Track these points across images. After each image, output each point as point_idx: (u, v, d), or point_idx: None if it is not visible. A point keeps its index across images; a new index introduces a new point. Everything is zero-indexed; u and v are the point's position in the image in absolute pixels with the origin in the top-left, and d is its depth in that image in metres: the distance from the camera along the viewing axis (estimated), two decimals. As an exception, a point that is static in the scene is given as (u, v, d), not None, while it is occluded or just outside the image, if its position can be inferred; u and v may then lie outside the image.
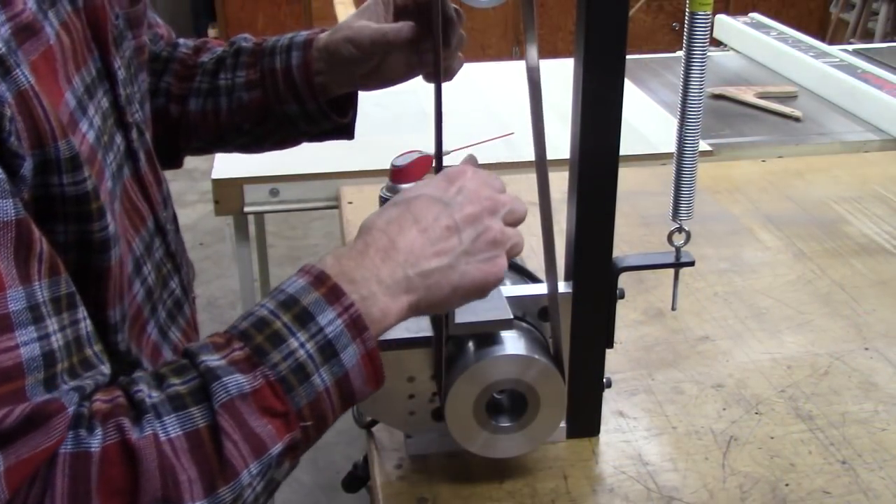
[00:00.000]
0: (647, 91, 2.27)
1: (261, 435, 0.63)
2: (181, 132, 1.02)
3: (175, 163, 1.09)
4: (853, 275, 1.42)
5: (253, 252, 2.19)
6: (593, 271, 0.97)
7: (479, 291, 0.74)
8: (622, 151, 0.92)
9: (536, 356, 0.93)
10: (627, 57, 0.89)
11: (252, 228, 2.18)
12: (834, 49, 2.42)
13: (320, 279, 0.66)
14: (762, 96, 2.20)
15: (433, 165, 0.89)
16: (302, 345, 0.64)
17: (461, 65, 0.98)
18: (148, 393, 0.62)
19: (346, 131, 1.04)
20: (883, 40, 4.15)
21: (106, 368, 0.65)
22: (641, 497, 0.97)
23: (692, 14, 0.88)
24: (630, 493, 0.98)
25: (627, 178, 1.04)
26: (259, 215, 2.28)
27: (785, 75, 2.37)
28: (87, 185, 0.66)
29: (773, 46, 2.46)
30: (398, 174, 1.36)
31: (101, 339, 0.68)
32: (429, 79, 0.94)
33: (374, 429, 1.05)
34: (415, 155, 1.68)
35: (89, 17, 0.73)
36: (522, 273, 1.06)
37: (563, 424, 1.03)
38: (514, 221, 0.77)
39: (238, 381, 0.62)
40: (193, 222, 3.79)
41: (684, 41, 0.90)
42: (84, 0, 0.72)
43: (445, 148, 0.88)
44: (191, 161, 1.16)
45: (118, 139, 0.76)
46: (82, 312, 0.64)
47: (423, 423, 0.97)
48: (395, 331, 0.75)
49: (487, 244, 0.72)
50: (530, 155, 0.87)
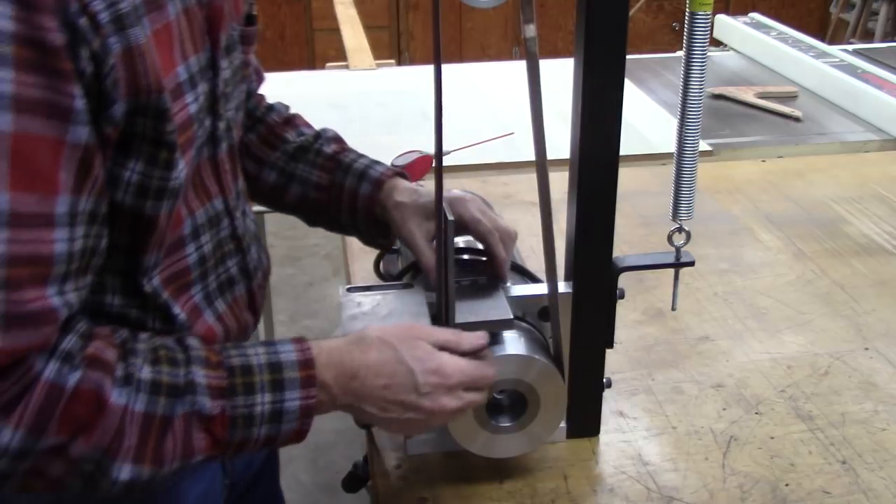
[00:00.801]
0: (647, 91, 2.27)
1: (194, 444, 0.77)
2: (248, 182, 1.12)
3: None
4: (853, 275, 1.42)
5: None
6: (593, 271, 0.97)
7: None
8: (622, 151, 0.92)
9: (536, 356, 0.93)
10: (627, 57, 0.89)
11: (252, 228, 2.17)
12: (834, 49, 2.42)
13: (306, 365, 0.81)
14: (762, 96, 2.20)
15: (433, 165, 0.89)
16: (263, 403, 0.79)
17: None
18: (140, 367, 0.75)
19: (387, 247, 1.14)
20: (883, 40, 4.15)
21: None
22: (641, 497, 0.97)
23: (692, 14, 0.88)
24: (630, 493, 0.98)
25: (627, 178, 1.04)
26: (259, 215, 2.28)
27: (785, 75, 2.37)
28: (167, 137, 0.77)
29: (773, 46, 2.46)
30: (398, 174, 1.36)
31: (129, 276, 0.82)
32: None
33: (374, 429, 1.05)
34: (415, 155, 1.69)
35: (209, 14, 0.84)
36: (522, 273, 1.06)
37: (563, 424, 1.03)
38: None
39: (204, 404, 0.77)
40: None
41: (684, 41, 0.90)
42: None
43: (445, 148, 0.88)
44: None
45: (207, 123, 0.87)
46: (106, 232, 0.76)
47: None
48: None
49: (414, 424, 0.86)
50: (530, 155, 0.87)
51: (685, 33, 0.89)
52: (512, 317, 0.93)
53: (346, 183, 1.08)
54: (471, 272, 1.01)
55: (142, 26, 0.73)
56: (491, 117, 2.07)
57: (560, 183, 0.97)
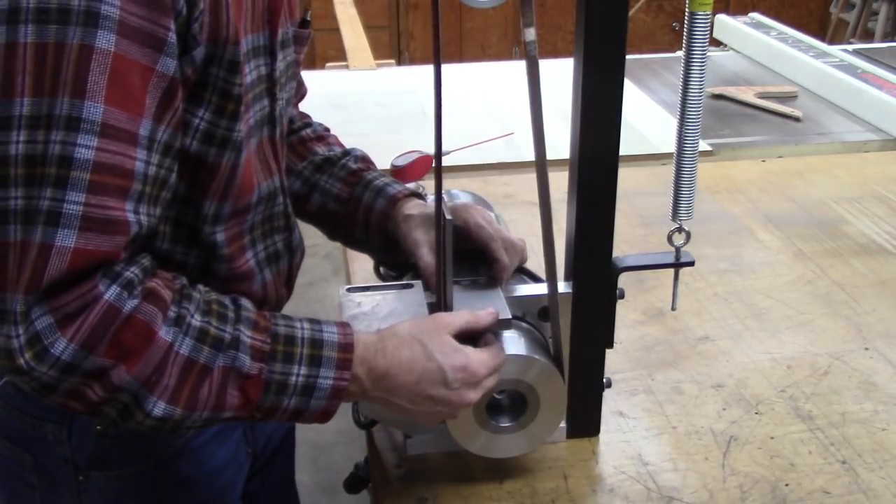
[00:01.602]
0: (647, 91, 2.27)
1: (227, 399, 0.80)
2: None
3: None
4: (853, 275, 1.42)
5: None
6: (593, 271, 0.97)
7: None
8: (622, 151, 0.92)
9: (536, 356, 0.93)
10: (627, 57, 0.89)
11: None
12: (834, 49, 2.42)
13: (346, 348, 0.84)
14: (762, 96, 2.20)
15: (433, 165, 0.89)
16: (298, 374, 0.82)
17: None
18: (192, 314, 0.79)
19: (397, 268, 1.15)
20: (883, 40, 4.15)
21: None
22: (641, 497, 0.97)
23: (692, 14, 0.88)
24: (630, 493, 0.98)
25: (627, 178, 1.04)
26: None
27: (785, 75, 2.37)
28: (235, 90, 0.84)
29: (773, 46, 2.46)
30: (398, 174, 1.36)
31: (189, 224, 0.88)
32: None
33: (374, 429, 1.05)
34: (415, 155, 1.69)
35: (269, 4, 0.90)
36: (522, 273, 1.06)
37: (563, 424, 1.03)
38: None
39: (244, 362, 0.80)
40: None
41: (684, 41, 0.90)
42: None
43: (445, 148, 0.88)
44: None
45: (265, 101, 0.93)
46: (175, 168, 0.81)
47: (423, 424, 0.97)
48: None
49: (440, 415, 0.90)
50: (530, 155, 0.87)
51: (685, 33, 0.89)
52: (510, 317, 0.93)
53: (364, 198, 1.12)
54: (471, 272, 1.01)
55: None
56: (491, 117, 2.07)
57: (560, 183, 0.97)
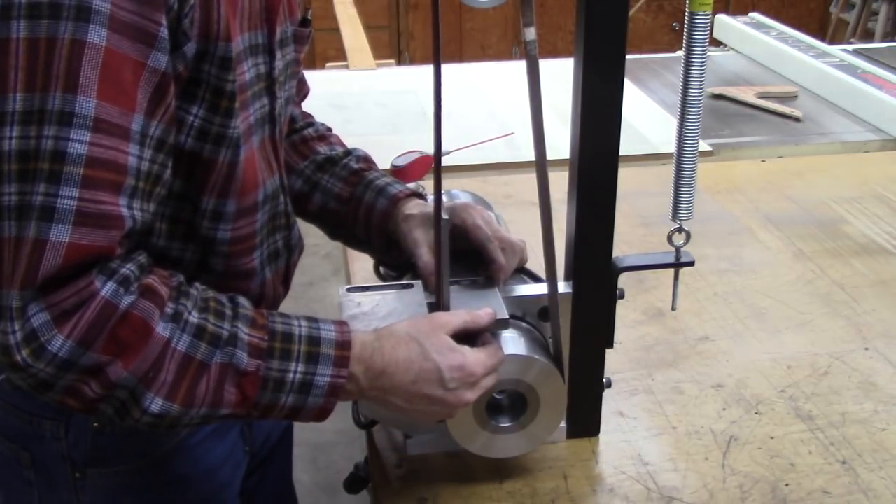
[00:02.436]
0: (647, 91, 2.27)
1: (224, 396, 0.80)
2: None
3: None
4: (853, 275, 1.42)
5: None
6: (593, 271, 0.97)
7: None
8: (622, 151, 0.92)
9: (536, 356, 0.93)
10: (627, 57, 0.89)
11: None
12: (834, 49, 2.42)
13: (343, 346, 0.84)
14: (762, 96, 2.20)
15: (433, 165, 0.89)
16: (295, 371, 0.82)
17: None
18: (189, 310, 0.79)
19: (398, 269, 1.15)
20: (883, 40, 4.15)
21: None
22: (641, 497, 0.97)
23: (692, 14, 0.88)
24: (630, 493, 0.98)
25: (627, 178, 1.04)
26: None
27: (785, 75, 2.37)
28: (228, 87, 0.83)
29: (773, 46, 2.46)
30: (398, 174, 1.36)
31: (185, 220, 0.88)
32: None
33: (374, 429, 1.05)
34: (415, 155, 1.69)
35: (267, 3, 0.90)
36: (522, 273, 1.06)
37: (563, 424, 1.03)
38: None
39: (242, 359, 0.80)
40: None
41: (684, 41, 0.90)
42: None
43: (445, 148, 0.88)
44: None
45: (265, 100, 0.93)
46: (169, 163, 0.81)
47: (423, 424, 0.97)
48: None
49: (437, 414, 0.90)
50: (530, 155, 0.87)
51: (685, 33, 0.89)
52: (507, 316, 0.93)
53: (365, 197, 1.12)
54: (470, 272, 1.01)
55: None
56: (491, 117, 2.07)
57: (560, 183, 0.97)
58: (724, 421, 1.09)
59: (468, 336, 0.90)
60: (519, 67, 2.07)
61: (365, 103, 2.17)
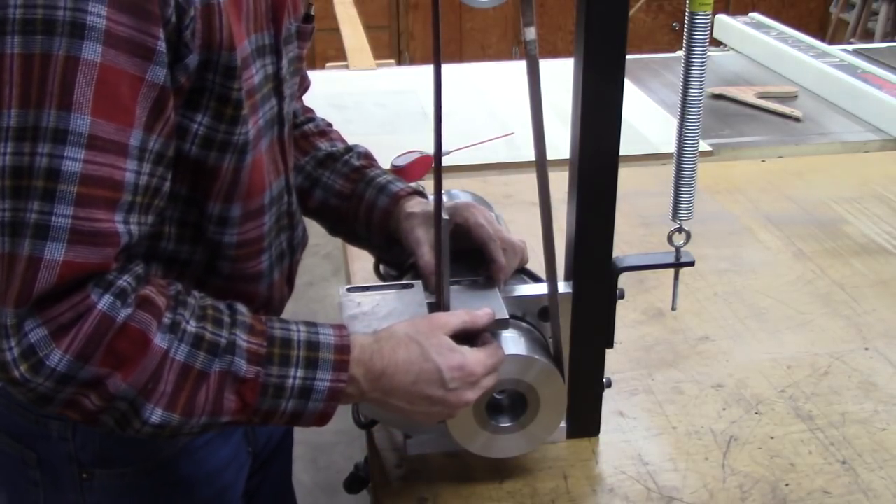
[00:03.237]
0: (647, 91, 2.27)
1: (224, 404, 0.80)
2: None
3: None
4: (853, 275, 1.42)
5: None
6: (593, 271, 0.97)
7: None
8: (622, 151, 0.92)
9: (536, 356, 0.93)
10: (627, 57, 0.89)
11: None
12: (834, 49, 2.42)
13: (342, 350, 0.84)
14: (762, 96, 2.20)
15: (433, 165, 0.89)
16: (295, 377, 0.82)
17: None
18: (187, 319, 0.79)
19: (398, 267, 1.15)
20: (883, 40, 4.15)
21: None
22: (641, 497, 0.97)
23: (692, 14, 0.88)
24: (630, 493, 0.98)
25: (627, 178, 1.04)
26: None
27: (785, 75, 2.37)
28: (234, 94, 0.83)
29: (773, 46, 2.46)
30: (398, 174, 1.36)
31: (193, 223, 0.88)
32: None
33: (374, 429, 1.05)
34: (415, 155, 1.69)
35: (273, 1, 0.90)
36: (523, 273, 1.06)
37: (563, 424, 1.03)
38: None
39: (241, 366, 0.80)
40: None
41: (684, 41, 0.90)
42: None
43: (445, 148, 0.88)
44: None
45: (273, 101, 0.93)
46: (169, 176, 0.81)
47: (422, 424, 0.97)
48: None
49: (438, 415, 0.90)
50: (530, 155, 0.87)
51: (685, 33, 0.89)
52: (507, 316, 0.93)
53: (366, 195, 1.12)
54: (470, 272, 1.01)
55: None
56: (491, 117, 2.07)
57: (560, 183, 0.97)
58: (724, 421, 1.09)
59: (468, 336, 0.90)
60: (519, 67, 2.07)
61: (365, 103, 2.17)
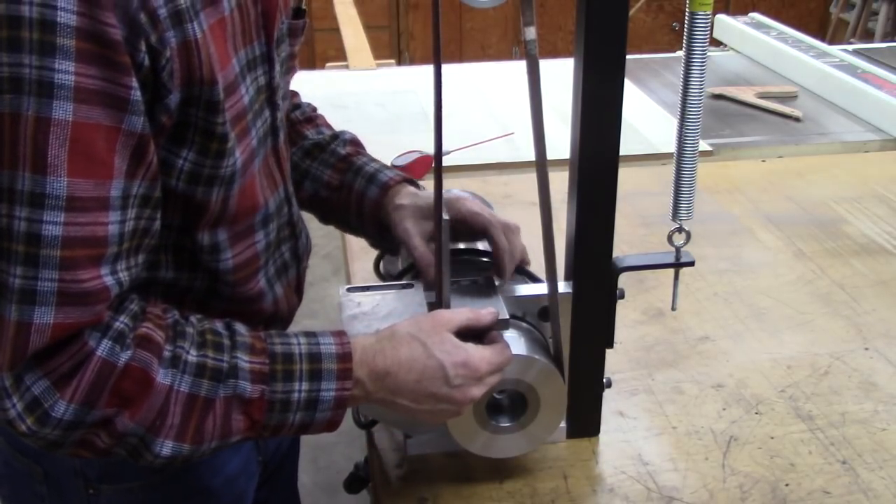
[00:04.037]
0: (647, 91, 2.27)
1: (233, 425, 0.80)
2: None
3: None
4: (853, 275, 1.42)
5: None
6: (593, 271, 0.97)
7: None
8: (622, 151, 0.92)
9: (536, 356, 0.93)
10: (627, 57, 0.89)
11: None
12: (834, 49, 2.42)
13: (344, 358, 0.83)
14: (762, 96, 2.20)
15: (433, 165, 0.89)
16: (300, 391, 0.82)
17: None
18: (187, 350, 0.78)
19: (392, 251, 1.15)
20: (883, 40, 4.15)
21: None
22: (641, 497, 0.97)
23: (692, 14, 0.88)
24: (630, 493, 0.98)
25: (627, 178, 1.04)
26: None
27: (785, 75, 2.37)
28: (218, 129, 0.80)
29: (773, 46, 2.46)
30: (398, 174, 1.36)
31: (187, 251, 0.87)
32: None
33: (374, 429, 1.05)
34: (415, 155, 1.69)
35: (264, 7, 0.88)
36: (522, 273, 1.06)
37: (563, 424, 1.03)
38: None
39: (245, 388, 0.80)
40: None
41: (684, 41, 0.90)
42: None
43: (445, 148, 0.88)
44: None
45: (266, 113, 0.91)
46: (158, 214, 0.80)
47: (424, 424, 0.97)
48: None
49: (444, 413, 0.89)
50: (530, 155, 0.87)
51: (685, 33, 0.89)
52: (508, 316, 0.93)
53: (356, 185, 1.11)
54: (470, 272, 1.01)
55: (199, 21, 0.76)
56: (491, 117, 2.07)
57: (560, 183, 0.97)
58: (724, 421, 1.09)
59: (473, 335, 0.90)
60: (519, 67, 2.07)
61: (365, 103, 2.17)
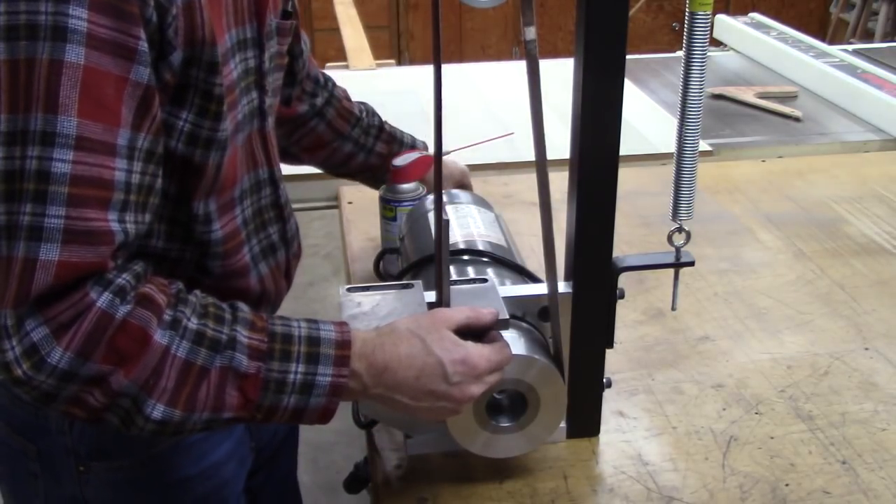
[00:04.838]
0: (647, 91, 2.27)
1: (226, 399, 0.80)
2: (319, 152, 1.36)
3: None
4: (853, 275, 1.42)
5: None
6: (593, 271, 0.97)
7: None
8: (622, 151, 0.92)
9: (536, 356, 0.93)
10: (627, 57, 0.89)
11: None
12: (834, 49, 2.42)
13: (343, 345, 0.84)
14: (762, 96, 2.20)
15: (433, 165, 0.89)
16: (296, 372, 0.82)
17: None
18: (188, 317, 0.80)
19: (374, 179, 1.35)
20: (883, 40, 4.15)
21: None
22: (641, 497, 0.97)
23: (692, 14, 0.88)
24: (630, 493, 0.98)
25: (627, 178, 1.04)
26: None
27: (785, 75, 2.37)
28: (216, 90, 0.84)
29: (773, 46, 2.46)
30: (398, 174, 1.36)
31: (183, 222, 0.89)
32: None
33: (374, 429, 1.05)
34: (415, 155, 1.68)
35: None
36: (522, 273, 1.06)
37: (563, 424, 1.03)
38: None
39: (241, 362, 0.80)
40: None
41: (684, 41, 0.90)
42: None
43: (445, 148, 0.88)
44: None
45: (254, 94, 0.94)
46: (161, 172, 0.82)
47: (424, 424, 0.97)
48: None
49: (442, 410, 0.89)
50: (530, 155, 0.87)
51: (685, 33, 0.89)
52: (508, 316, 0.93)
53: (373, 121, 1.35)
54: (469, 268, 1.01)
55: None
56: (491, 117, 2.07)
57: (560, 183, 0.97)
58: (724, 421, 1.09)
59: (473, 334, 0.90)
60: (519, 67, 2.07)
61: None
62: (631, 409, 1.11)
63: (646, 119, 2.05)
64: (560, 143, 0.99)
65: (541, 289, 0.99)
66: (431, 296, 0.96)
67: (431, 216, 1.17)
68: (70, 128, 0.72)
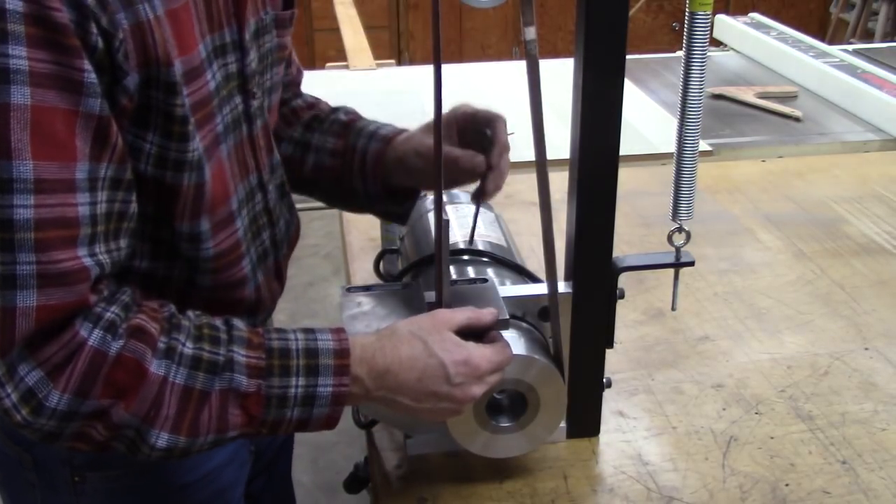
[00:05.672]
0: (647, 91, 2.27)
1: (229, 420, 0.80)
2: None
3: None
4: (853, 275, 1.42)
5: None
6: (593, 271, 0.97)
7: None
8: (622, 151, 0.92)
9: (536, 356, 0.93)
10: (627, 57, 0.89)
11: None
12: (834, 49, 2.42)
13: (341, 354, 0.83)
14: (762, 96, 2.20)
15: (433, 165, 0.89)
16: (297, 386, 0.82)
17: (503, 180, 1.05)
18: (183, 342, 0.79)
19: (400, 218, 1.15)
20: (883, 40, 4.15)
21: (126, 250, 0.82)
22: (641, 497, 0.97)
23: (692, 14, 0.88)
24: (630, 493, 0.98)
25: (627, 178, 1.04)
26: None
27: (785, 75, 2.37)
28: (177, 111, 0.80)
29: (773, 46, 2.46)
30: (398, 174, 1.36)
31: (166, 240, 0.87)
32: (474, 200, 1.06)
33: (374, 429, 1.05)
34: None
35: None
36: (522, 273, 1.06)
37: (563, 424, 1.03)
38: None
39: (241, 382, 0.80)
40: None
41: (684, 41, 0.90)
42: None
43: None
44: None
45: (237, 100, 0.91)
46: (133, 197, 0.80)
47: (424, 424, 0.97)
48: None
49: (444, 411, 0.89)
50: (530, 155, 0.87)
51: (685, 33, 0.89)
52: (508, 317, 0.93)
53: (358, 144, 1.11)
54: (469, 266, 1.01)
55: (152, 3, 0.77)
56: (491, 117, 2.06)
57: (560, 183, 0.97)
58: (724, 421, 1.09)
59: (474, 334, 0.90)
60: (519, 67, 2.07)
61: (365, 103, 2.15)
62: (631, 409, 1.11)
63: (646, 119, 2.05)
64: (560, 143, 0.99)
65: (541, 289, 0.99)
66: (431, 296, 0.97)
67: (431, 216, 1.17)
68: (26, 172, 0.71)
